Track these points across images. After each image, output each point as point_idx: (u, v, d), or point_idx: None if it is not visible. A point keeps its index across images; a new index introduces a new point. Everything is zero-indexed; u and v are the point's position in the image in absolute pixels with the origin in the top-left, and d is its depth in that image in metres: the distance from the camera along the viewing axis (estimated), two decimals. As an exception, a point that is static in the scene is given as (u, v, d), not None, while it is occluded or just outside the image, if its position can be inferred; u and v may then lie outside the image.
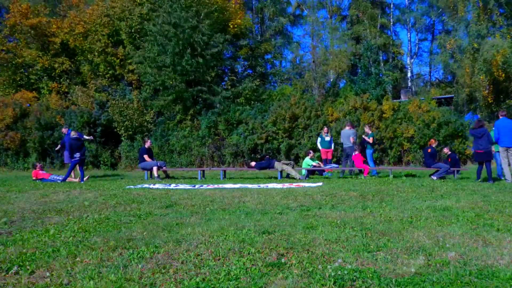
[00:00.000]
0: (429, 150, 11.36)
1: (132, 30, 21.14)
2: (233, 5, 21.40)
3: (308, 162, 12.62)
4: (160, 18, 18.76)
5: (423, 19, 31.79)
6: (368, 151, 12.56)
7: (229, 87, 21.10)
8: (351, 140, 12.54)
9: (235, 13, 21.39)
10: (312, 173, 12.48)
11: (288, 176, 11.81)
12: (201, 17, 18.93)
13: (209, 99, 18.98)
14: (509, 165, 9.39)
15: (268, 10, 30.77)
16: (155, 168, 12.24)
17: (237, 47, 21.88)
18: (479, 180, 9.64)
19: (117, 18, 21.39)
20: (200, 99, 19.15)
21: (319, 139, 13.60)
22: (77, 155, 11.36)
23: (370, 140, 12.56)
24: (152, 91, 20.14)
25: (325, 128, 13.58)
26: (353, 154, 12.18)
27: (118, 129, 18.56)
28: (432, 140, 12.00)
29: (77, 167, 11.66)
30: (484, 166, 9.67)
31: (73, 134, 11.67)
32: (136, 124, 18.50)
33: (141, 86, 21.31)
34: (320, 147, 13.38)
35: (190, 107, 19.15)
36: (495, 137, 9.54)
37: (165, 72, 18.65)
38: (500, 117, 9.62)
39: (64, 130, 13.30)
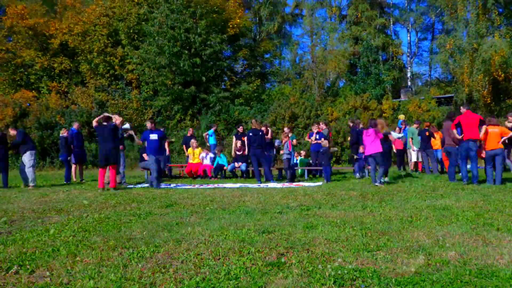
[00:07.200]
0: (426, 133, 11.24)
1: (131, 31, 21.14)
2: (232, 4, 21.37)
3: (305, 160, 12.66)
4: (157, 19, 18.77)
5: (422, 18, 31.79)
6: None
7: (229, 87, 21.13)
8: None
9: (234, 13, 21.38)
10: (310, 172, 12.49)
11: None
12: (197, 18, 18.89)
13: (207, 99, 19.00)
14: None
15: (264, 9, 30.63)
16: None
17: (236, 47, 21.87)
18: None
19: (116, 19, 21.39)
20: (198, 99, 19.17)
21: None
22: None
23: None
24: (151, 91, 20.17)
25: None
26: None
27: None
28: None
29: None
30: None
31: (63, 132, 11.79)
32: (136, 124, 18.54)
33: (140, 86, 21.32)
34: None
35: (189, 107, 19.18)
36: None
37: (163, 73, 18.67)
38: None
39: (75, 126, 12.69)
